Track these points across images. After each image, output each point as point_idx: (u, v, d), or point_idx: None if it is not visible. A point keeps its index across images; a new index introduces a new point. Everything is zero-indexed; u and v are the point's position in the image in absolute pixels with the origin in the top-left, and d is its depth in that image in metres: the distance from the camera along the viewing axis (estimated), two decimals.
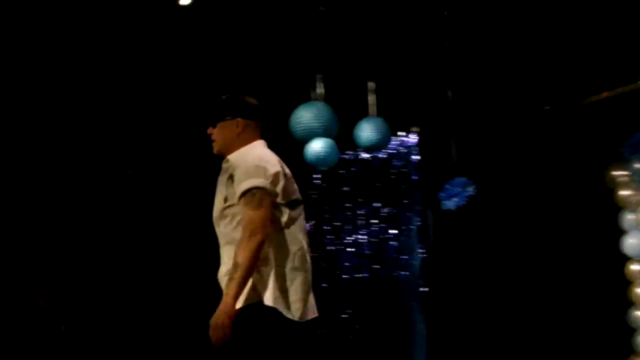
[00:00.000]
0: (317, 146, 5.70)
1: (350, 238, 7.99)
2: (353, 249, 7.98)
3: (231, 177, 3.24)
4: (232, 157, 3.36)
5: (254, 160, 3.25)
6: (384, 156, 7.90)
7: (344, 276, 7.92)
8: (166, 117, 6.97)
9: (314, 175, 7.74)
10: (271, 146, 3.45)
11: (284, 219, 3.26)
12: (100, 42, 6.05)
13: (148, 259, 7.23)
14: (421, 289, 7.81)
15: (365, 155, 7.82)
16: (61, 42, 5.95)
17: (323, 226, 7.95)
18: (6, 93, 6.45)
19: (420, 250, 7.89)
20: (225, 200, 3.26)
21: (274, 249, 3.21)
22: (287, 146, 6.08)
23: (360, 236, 8.01)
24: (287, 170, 3.38)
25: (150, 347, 7.03)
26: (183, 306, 7.00)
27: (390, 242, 7.99)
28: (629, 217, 6.27)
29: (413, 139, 7.98)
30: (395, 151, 7.93)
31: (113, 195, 7.27)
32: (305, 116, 5.65)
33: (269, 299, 3.14)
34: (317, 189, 7.88)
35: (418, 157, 7.95)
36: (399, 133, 7.82)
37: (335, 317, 7.76)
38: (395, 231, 8.00)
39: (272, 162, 3.29)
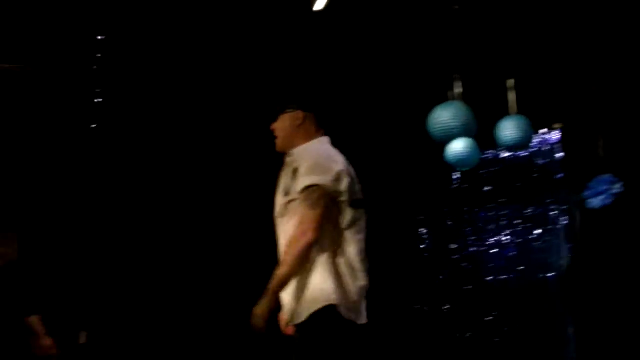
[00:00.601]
0: (458, 146, 5.64)
1: (493, 239, 7.85)
2: (496, 250, 7.84)
3: (295, 171, 3.19)
4: (297, 150, 3.32)
5: (320, 156, 3.22)
6: (526, 154, 7.73)
7: (488, 278, 7.79)
8: None
9: (454, 176, 7.69)
10: (409, 147, 3.41)
11: (347, 219, 3.19)
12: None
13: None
14: (569, 290, 7.57)
15: (506, 154, 7.68)
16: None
17: (464, 228, 7.86)
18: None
19: (567, 251, 7.66)
20: (287, 194, 3.21)
21: (335, 249, 3.15)
22: (425, 146, 6.09)
23: (503, 237, 7.85)
24: (352, 170, 3.33)
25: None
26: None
27: (536, 243, 7.79)
28: None
29: (556, 136, 7.75)
30: (537, 149, 7.74)
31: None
32: (443, 116, 5.59)
33: (333, 299, 3.09)
34: (457, 189, 7.81)
35: (562, 155, 7.72)
36: (540, 130, 7.63)
37: (481, 320, 7.65)
38: (540, 231, 7.80)
39: (337, 160, 3.24)
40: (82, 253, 7.22)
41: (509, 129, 5.83)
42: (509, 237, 7.84)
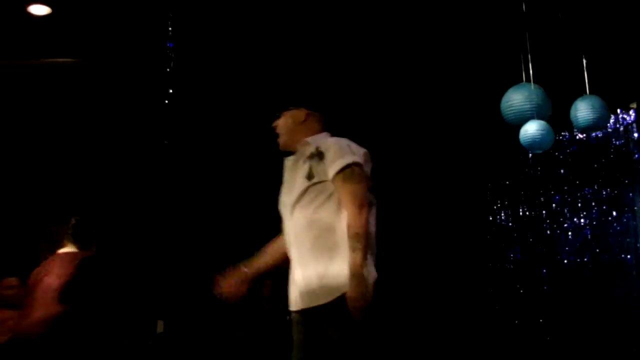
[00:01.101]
0: (532, 129, 5.55)
1: (569, 222, 7.75)
2: (572, 233, 7.72)
3: (317, 156, 3.25)
4: (312, 139, 3.38)
5: (343, 140, 3.31)
6: (602, 135, 7.58)
7: (564, 261, 7.69)
8: None
9: (529, 159, 7.62)
10: (483, 130, 3.42)
11: (369, 200, 3.25)
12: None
13: None
14: None
15: (581, 136, 7.56)
16: None
17: (540, 210, 7.77)
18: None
19: None
20: (310, 177, 3.25)
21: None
22: (499, 130, 6.03)
23: (580, 220, 7.74)
24: None
25: None
26: None
27: (613, 225, 7.65)
28: None
29: (632, 115, 7.59)
30: (613, 129, 7.59)
31: None
32: (516, 99, 5.52)
33: (374, 273, 3.15)
34: (532, 172, 7.73)
35: (638, 135, 7.55)
36: (617, 110, 7.48)
37: (557, 303, 7.56)
38: (616, 213, 7.66)
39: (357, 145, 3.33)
40: (159, 244, 7.35)
41: (584, 110, 5.72)
42: (585, 219, 7.73)
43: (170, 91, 6.61)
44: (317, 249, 3.18)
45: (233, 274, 3.58)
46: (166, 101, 6.62)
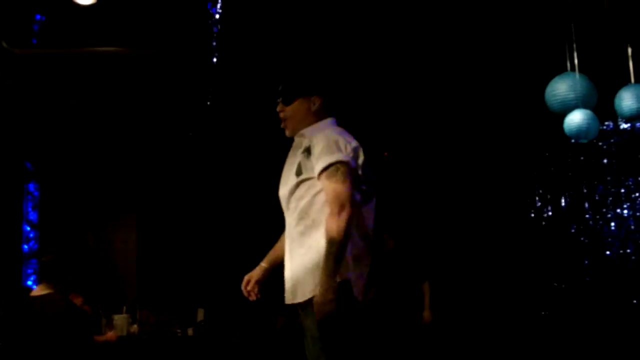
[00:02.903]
0: (576, 118, 5.51)
1: (612, 213, 7.68)
2: (616, 224, 7.66)
3: (307, 151, 3.20)
4: (307, 131, 3.31)
5: (334, 134, 3.21)
6: None
7: (607, 252, 7.63)
8: None
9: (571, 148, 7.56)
10: (527, 120, 3.34)
11: (362, 195, 3.18)
12: None
13: None
14: None
15: (625, 126, 7.49)
16: None
17: (583, 201, 7.72)
18: None
19: None
20: (300, 173, 3.20)
21: (354, 226, 3.11)
22: (544, 119, 6.00)
23: (623, 210, 7.67)
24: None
25: None
26: None
27: None
28: None
29: None
30: None
31: None
32: (561, 88, 5.48)
33: (348, 275, 3.08)
34: (575, 162, 7.67)
35: None
36: None
37: (599, 295, 7.51)
38: None
39: (350, 137, 3.24)
40: (198, 235, 7.38)
41: (628, 99, 5.66)
42: (628, 210, 7.66)
43: (212, 82, 6.65)
44: (301, 246, 3.18)
45: (254, 273, 3.60)
46: (209, 90, 6.66)
